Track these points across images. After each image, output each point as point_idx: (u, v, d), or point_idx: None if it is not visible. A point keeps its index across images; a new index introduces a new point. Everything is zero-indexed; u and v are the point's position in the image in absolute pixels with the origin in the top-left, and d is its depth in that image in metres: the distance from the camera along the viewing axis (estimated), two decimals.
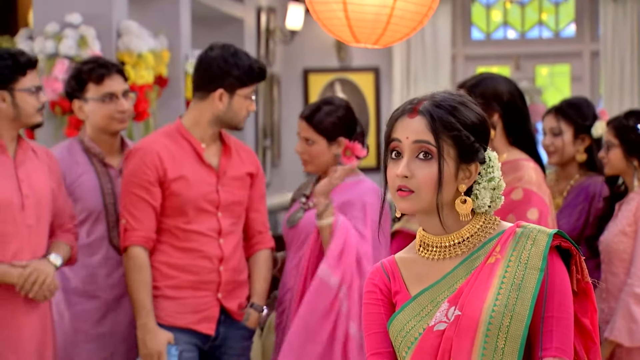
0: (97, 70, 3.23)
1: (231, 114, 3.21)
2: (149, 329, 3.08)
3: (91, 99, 3.24)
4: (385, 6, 3.51)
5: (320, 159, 3.31)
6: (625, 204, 3.40)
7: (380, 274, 1.92)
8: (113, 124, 3.26)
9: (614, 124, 3.47)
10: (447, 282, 1.84)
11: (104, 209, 3.24)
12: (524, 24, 7.69)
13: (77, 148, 3.29)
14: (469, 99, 1.88)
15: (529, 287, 1.77)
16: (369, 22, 4.00)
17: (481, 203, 1.84)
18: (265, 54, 6.95)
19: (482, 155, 1.84)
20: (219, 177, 3.23)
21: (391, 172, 1.82)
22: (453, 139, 1.80)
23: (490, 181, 1.84)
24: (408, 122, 1.82)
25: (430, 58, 7.35)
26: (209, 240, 3.19)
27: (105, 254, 3.25)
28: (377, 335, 1.89)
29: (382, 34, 4.13)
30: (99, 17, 4.17)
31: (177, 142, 3.21)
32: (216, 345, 3.25)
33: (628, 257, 3.35)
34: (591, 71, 7.49)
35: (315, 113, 3.31)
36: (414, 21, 4.04)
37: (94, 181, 3.25)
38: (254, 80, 3.24)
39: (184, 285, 3.17)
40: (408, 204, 1.81)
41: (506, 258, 1.80)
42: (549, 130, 3.70)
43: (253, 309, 3.28)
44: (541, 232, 1.82)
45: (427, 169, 1.79)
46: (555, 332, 1.77)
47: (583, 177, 3.71)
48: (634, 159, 3.40)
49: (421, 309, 1.84)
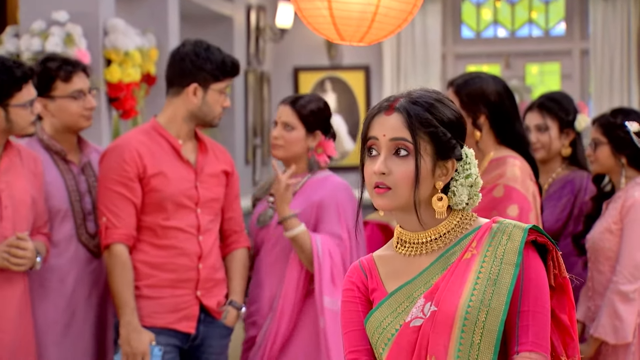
0: (64, 68, 3.20)
1: (206, 108, 3.21)
2: (134, 327, 3.07)
3: (59, 96, 3.21)
4: (370, 4, 3.51)
5: (294, 147, 3.31)
6: (612, 203, 3.42)
7: (357, 272, 1.93)
8: (81, 121, 3.23)
9: (601, 121, 3.48)
10: (423, 278, 1.84)
11: (70, 207, 3.21)
12: (514, 22, 7.72)
13: (36, 147, 3.24)
14: (445, 96, 1.88)
15: (505, 282, 1.77)
16: (353, 19, 4.01)
17: (458, 200, 1.85)
18: (255, 52, 6.96)
19: (458, 151, 1.84)
20: (197, 174, 3.23)
21: (368, 169, 1.83)
22: (430, 135, 1.81)
23: (467, 178, 1.85)
24: (384, 120, 1.82)
25: (420, 56, 7.37)
26: (188, 237, 3.19)
27: (74, 252, 3.21)
28: (355, 332, 1.89)
29: (367, 31, 4.14)
30: (86, 15, 4.17)
31: (154, 139, 3.21)
32: (196, 345, 3.25)
33: (614, 255, 3.36)
34: (581, 69, 7.52)
35: (300, 99, 3.34)
36: (399, 19, 4.05)
37: (58, 179, 3.21)
38: (228, 75, 3.24)
39: (163, 284, 3.16)
40: (385, 201, 1.81)
41: (482, 253, 1.81)
42: (535, 127, 3.70)
43: (231, 306, 3.28)
44: (516, 227, 1.83)
45: (404, 165, 1.80)
46: (531, 327, 1.78)
47: (565, 170, 3.73)
48: (622, 157, 3.41)
49: (397, 305, 1.84)
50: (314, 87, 7.56)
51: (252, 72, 6.83)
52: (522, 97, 7.30)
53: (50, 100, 3.20)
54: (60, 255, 3.19)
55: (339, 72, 7.56)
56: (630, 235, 3.32)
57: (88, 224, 3.24)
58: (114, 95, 4.29)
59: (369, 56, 7.50)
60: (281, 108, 3.36)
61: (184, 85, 3.20)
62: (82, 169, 3.27)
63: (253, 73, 6.85)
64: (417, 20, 7.35)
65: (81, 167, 3.27)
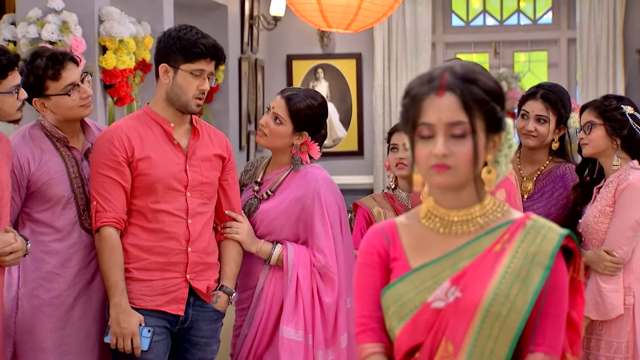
0: (51, 66, 3.14)
1: (176, 89, 3.15)
2: (123, 308, 3.07)
3: (53, 95, 3.16)
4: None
5: (279, 141, 3.35)
6: (605, 187, 3.46)
7: (379, 236, 1.89)
8: (80, 111, 3.20)
9: (595, 104, 3.52)
10: (451, 260, 1.81)
11: (72, 194, 3.19)
12: (502, 11, 7.76)
13: (39, 133, 3.22)
14: (478, 65, 1.87)
15: (533, 282, 1.77)
16: (340, 7, 4.14)
17: (501, 170, 1.83)
18: (249, 40, 7.01)
19: (504, 123, 1.82)
20: (187, 157, 3.21)
21: (424, 150, 1.78)
22: (484, 112, 1.77)
23: (510, 148, 1.83)
24: (438, 102, 1.76)
25: (410, 45, 7.45)
26: (177, 221, 3.17)
27: (77, 237, 3.20)
28: (369, 298, 1.86)
29: (354, 19, 4.27)
30: (81, 3, 4.20)
31: (146, 123, 3.20)
32: (186, 328, 3.25)
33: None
34: (568, 58, 7.57)
35: (296, 97, 3.32)
36: (385, 6, 4.18)
37: (61, 166, 3.19)
38: (199, 57, 3.12)
39: (153, 267, 3.16)
40: (446, 178, 1.77)
41: (514, 249, 1.79)
42: (535, 116, 3.71)
43: (222, 291, 3.27)
44: (552, 229, 1.82)
45: (463, 146, 1.76)
46: (549, 329, 1.79)
47: (553, 163, 3.78)
48: (616, 138, 3.45)
49: (421, 282, 1.81)
50: (306, 74, 7.66)
51: (246, 60, 6.88)
52: (511, 85, 7.40)
53: (45, 99, 3.17)
54: (63, 241, 3.18)
55: (331, 60, 7.65)
56: (621, 215, 3.38)
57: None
58: (109, 82, 4.32)
59: (361, 44, 7.59)
60: (277, 99, 3.35)
61: (157, 67, 3.18)
62: (85, 154, 3.26)
63: (247, 60, 6.90)
64: (408, 9, 7.44)
65: (84, 153, 3.26)
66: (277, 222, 3.36)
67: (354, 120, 7.66)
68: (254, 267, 3.39)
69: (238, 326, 3.41)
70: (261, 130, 3.38)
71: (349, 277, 3.26)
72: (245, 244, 3.33)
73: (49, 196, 3.18)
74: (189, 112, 3.21)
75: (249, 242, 3.33)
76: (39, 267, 3.18)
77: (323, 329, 3.28)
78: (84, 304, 3.23)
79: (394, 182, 3.69)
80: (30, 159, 3.16)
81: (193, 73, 3.14)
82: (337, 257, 3.31)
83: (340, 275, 3.31)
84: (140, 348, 3.10)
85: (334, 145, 7.63)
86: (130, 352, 3.10)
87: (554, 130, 3.73)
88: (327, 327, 3.29)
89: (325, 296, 3.28)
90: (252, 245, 3.33)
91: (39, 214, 3.18)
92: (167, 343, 3.22)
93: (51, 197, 3.17)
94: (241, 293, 3.41)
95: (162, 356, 3.20)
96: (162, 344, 3.19)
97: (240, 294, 3.41)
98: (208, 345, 3.31)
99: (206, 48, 3.12)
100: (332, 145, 7.60)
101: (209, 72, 3.17)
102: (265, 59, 7.52)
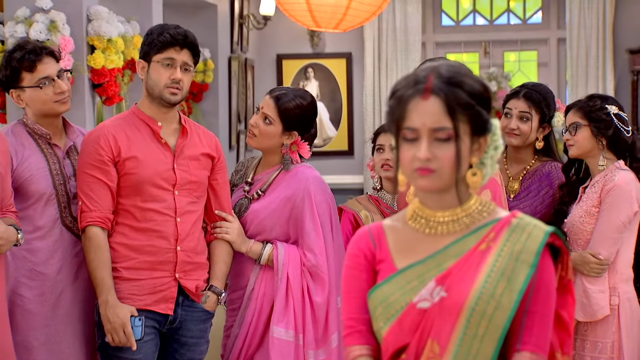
0: (27, 58, 3.16)
1: (150, 82, 3.16)
2: (111, 304, 3.07)
3: (27, 87, 3.18)
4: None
5: (268, 141, 3.35)
6: (590, 187, 3.46)
7: (365, 239, 1.89)
8: (56, 107, 3.21)
9: (580, 105, 3.51)
10: (436, 260, 1.82)
11: (54, 191, 3.20)
12: (492, 11, 7.78)
13: (21, 130, 3.23)
14: (464, 66, 1.85)
15: (518, 281, 1.76)
16: (329, 7, 4.14)
17: (487, 172, 1.83)
18: (239, 39, 7.01)
19: (490, 125, 1.81)
20: (175, 156, 3.20)
21: (408, 153, 1.78)
22: (468, 117, 1.77)
23: (496, 149, 1.83)
24: (422, 106, 1.76)
25: (401, 44, 7.45)
26: (165, 220, 3.17)
27: (59, 235, 3.20)
28: (356, 300, 1.86)
29: (342, 19, 4.27)
30: (69, 2, 4.19)
31: (134, 123, 3.21)
32: (174, 328, 3.25)
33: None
34: (557, 57, 7.59)
35: (285, 97, 3.31)
36: (373, 6, 4.18)
37: (42, 163, 3.20)
38: (167, 45, 3.12)
39: (142, 267, 3.16)
40: (429, 182, 1.78)
41: (499, 247, 1.79)
42: (518, 114, 3.73)
43: (211, 291, 3.27)
44: (537, 227, 1.82)
45: (447, 150, 1.76)
46: (536, 328, 1.78)
47: (538, 162, 3.79)
48: (602, 138, 3.45)
49: (406, 283, 1.81)
50: (296, 74, 7.65)
51: (236, 59, 6.88)
52: (500, 85, 7.41)
53: (21, 90, 3.19)
54: (44, 239, 3.18)
55: (321, 60, 7.65)
56: (606, 216, 3.38)
57: (72, 208, 3.23)
58: (98, 82, 4.31)
59: (351, 44, 7.59)
60: (266, 99, 3.34)
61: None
62: (67, 152, 3.27)
63: (237, 60, 6.90)
64: (398, 8, 7.44)
65: (66, 151, 3.27)
66: (268, 222, 3.36)
67: (344, 120, 7.66)
68: (244, 267, 3.38)
69: (229, 327, 3.41)
70: (251, 131, 3.37)
71: (339, 276, 3.25)
72: (235, 244, 3.33)
73: (30, 193, 3.17)
74: (167, 103, 3.18)
75: (239, 242, 3.33)
76: (22, 265, 3.17)
77: (314, 328, 3.28)
78: (69, 302, 3.23)
79: (379, 183, 3.68)
80: (12, 155, 3.14)
81: (163, 62, 3.14)
82: (328, 256, 3.31)
83: (330, 275, 3.31)
84: (133, 337, 3.08)
85: (324, 144, 7.63)
86: (126, 343, 3.08)
87: (537, 128, 3.73)
88: (318, 327, 3.28)
89: (315, 295, 3.28)
90: (242, 245, 3.33)
91: (21, 212, 3.16)
92: (155, 343, 3.21)
93: (32, 193, 3.17)
94: (232, 293, 3.40)
95: (150, 356, 3.19)
96: (151, 344, 3.19)
97: (230, 294, 3.40)
98: (197, 346, 3.31)
99: (172, 36, 3.12)
100: (322, 145, 7.59)
101: (181, 62, 3.15)
102: (255, 58, 7.52)
